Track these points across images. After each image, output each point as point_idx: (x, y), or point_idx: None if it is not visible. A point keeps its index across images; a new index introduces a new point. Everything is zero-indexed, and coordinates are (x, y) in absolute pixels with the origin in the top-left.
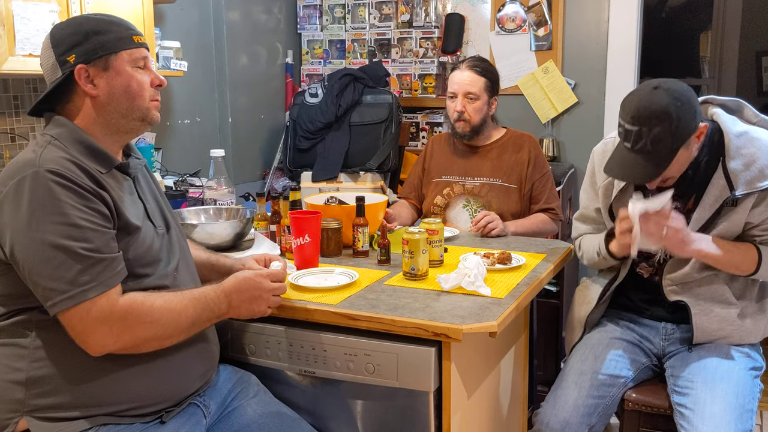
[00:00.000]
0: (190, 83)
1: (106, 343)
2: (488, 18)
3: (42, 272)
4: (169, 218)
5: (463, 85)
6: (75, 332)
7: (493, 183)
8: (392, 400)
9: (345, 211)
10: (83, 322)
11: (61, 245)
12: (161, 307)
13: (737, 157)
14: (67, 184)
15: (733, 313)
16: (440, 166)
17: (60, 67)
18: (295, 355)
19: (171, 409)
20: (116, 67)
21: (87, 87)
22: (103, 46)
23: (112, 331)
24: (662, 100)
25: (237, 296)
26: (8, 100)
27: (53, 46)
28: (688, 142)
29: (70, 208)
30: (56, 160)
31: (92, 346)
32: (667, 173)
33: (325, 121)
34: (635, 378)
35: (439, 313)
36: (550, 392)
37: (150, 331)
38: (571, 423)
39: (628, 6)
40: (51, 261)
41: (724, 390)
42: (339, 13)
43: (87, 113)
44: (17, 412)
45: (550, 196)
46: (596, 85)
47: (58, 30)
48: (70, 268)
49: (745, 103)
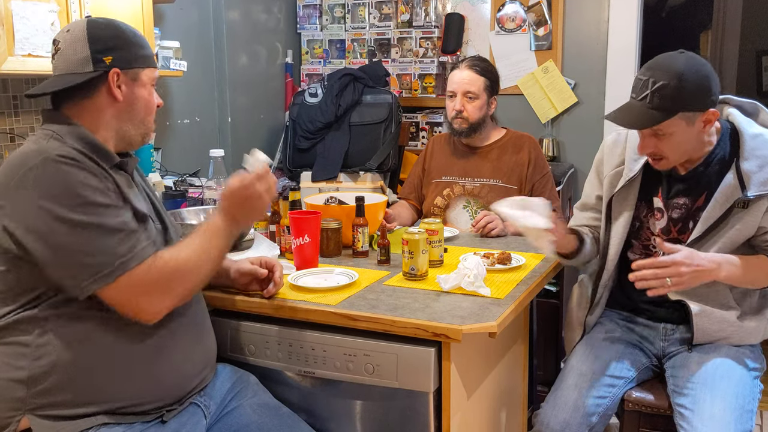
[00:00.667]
0: (190, 83)
1: (156, 308)
2: (488, 18)
3: (74, 253)
4: (165, 217)
5: (462, 84)
6: (121, 305)
7: (493, 184)
8: (392, 401)
9: (345, 211)
10: (127, 295)
11: (91, 222)
12: (188, 256)
13: (751, 158)
14: (79, 164)
15: (733, 315)
16: (440, 166)
17: (93, 63)
18: (295, 356)
19: (171, 408)
20: (142, 81)
21: (116, 91)
22: (138, 59)
23: (156, 296)
24: (679, 61)
25: (237, 210)
26: (7, 100)
27: (90, 41)
28: (691, 116)
29: (89, 189)
30: (61, 149)
31: (146, 313)
32: (663, 146)
33: (325, 121)
34: (636, 378)
35: (438, 313)
36: (551, 393)
37: (189, 281)
38: (571, 424)
39: (628, 6)
40: (81, 239)
41: (724, 390)
42: (339, 12)
43: (101, 114)
44: (19, 411)
45: (550, 197)
46: (596, 85)
47: (98, 29)
48: (105, 242)
49: (761, 107)
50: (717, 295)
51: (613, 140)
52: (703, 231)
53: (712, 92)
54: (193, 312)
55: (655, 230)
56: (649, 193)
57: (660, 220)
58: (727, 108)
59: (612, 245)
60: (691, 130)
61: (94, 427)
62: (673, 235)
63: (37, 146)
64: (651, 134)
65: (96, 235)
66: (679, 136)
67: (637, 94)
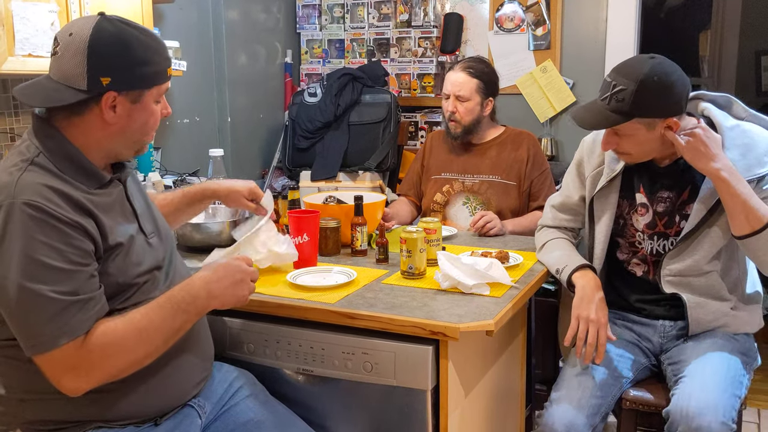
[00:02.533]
0: (189, 83)
1: (78, 385)
2: (487, 17)
3: (13, 314)
4: (159, 221)
5: (454, 86)
6: (48, 376)
7: (492, 180)
8: (390, 399)
9: (343, 210)
10: (52, 369)
11: (31, 289)
12: (125, 330)
13: (732, 147)
14: (44, 219)
15: (727, 306)
16: (439, 163)
17: (88, 82)
18: (293, 354)
19: (165, 414)
20: (144, 103)
21: (108, 114)
22: (143, 79)
23: (81, 374)
24: (644, 66)
25: (217, 284)
26: (7, 100)
27: (89, 56)
28: (650, 122)
29: (44, 248)
30: (35, 188)
31: (67, 390)
32: (624, 144)
33: (324, 120)
34: (634, 379)
35: (436, 311)
36: (553, 392)
37: (121, 361)
38: (576, 424)
39: (626, 5)
40: (21, 304)
41: (716, 361)
42: (338, 12)
43: (91, 134)
44: (11, 425)
45: (548, 194)
46: (594, 85)
47: (102, 45)
48: (39, 314)
49: (734, 99)
50: (712, 288)
51: (591, 140)
52: (694, 227)
53: (674, 100)
54: None
55: (640, 227)
56: (631, 190)
57: (644, 216)
58: (702, 103)
59: (597, 244)
60: (652, 134)
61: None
62: (660, 229)
63: (11, 179)
64: (612, 132)
65: (32, 304)
66: (639, 138)
67: (600, 94)
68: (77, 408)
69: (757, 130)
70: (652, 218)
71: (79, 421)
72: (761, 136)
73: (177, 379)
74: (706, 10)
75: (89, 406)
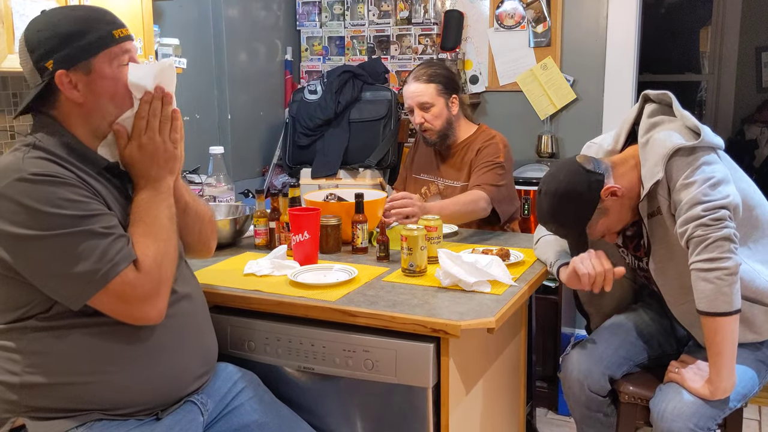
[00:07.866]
0: (190, 80)
1: (154, 305)
2: (487, 14)
3: (61, 265)
4: None
5: (414, 98)
6: (116, 313)
7: (456, 185)
8: (391, 397)
9: (344, 208)
10: (118, 301)
11: (75, 231)
12: (146, 239)
13: (645, 163)
14: (56, 179)
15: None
16: (420, 163)
17: (39, 73)
18: (294, 352)
19: (167, 407)
20: (98, 71)
21: (71, 94)
22: (82, 50)
23: (151, 295)
24: (543, 205)
25: (149, 170)
26: (7, 97)
27: (29, 50)
28: (590, 219)
29: (68, 201)
30: (39, 164)
31: (143, 316)
32: (595, 235)
33: (325, 117)
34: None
35: (437, 309)
36: (580, 342)
37: (168, 260)
38: (593, 372)
39: (627, 2)
40: (69, 250)
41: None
42: (338, 9)
43: (73, 118)
44: (13, 413)
45: (486, 175)
46: (595, 82)
47: (33, 33)
48: (93, 248)
49: (672, 96)
50: None
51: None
52: (648, 247)
53: (586, 199)
54: (191, 312)
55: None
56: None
57: (618, 238)
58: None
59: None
60: (606, 216)
61: (88, 423)
62: (630, 251)
63: (15, 159)
64: None
65: (81, 243)
66: (600, 226)
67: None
68: (76, 398)
69: (661, 136)
70: (623, 241)
71: (80, 411)
72: (653, 151)
73: (177, 367)
74: (706, 6)
75: (87, 395)
